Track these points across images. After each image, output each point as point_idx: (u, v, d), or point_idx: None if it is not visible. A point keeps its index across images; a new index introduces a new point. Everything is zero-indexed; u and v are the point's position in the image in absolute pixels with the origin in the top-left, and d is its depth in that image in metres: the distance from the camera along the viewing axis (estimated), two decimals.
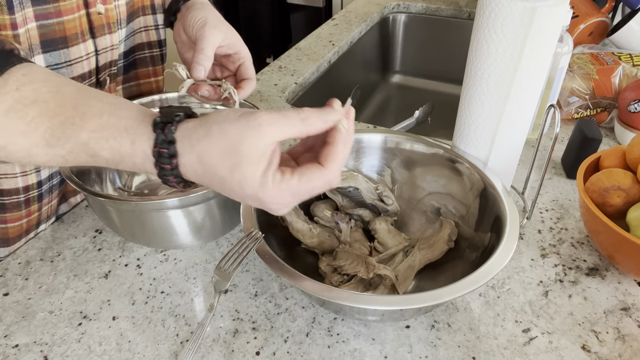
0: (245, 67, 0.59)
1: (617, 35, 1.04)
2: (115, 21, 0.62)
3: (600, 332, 0.53)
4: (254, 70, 0.60)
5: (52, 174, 0.63)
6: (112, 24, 0.61)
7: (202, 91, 0.56)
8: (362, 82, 1.34)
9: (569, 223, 0.67)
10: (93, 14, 0.58)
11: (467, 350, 0.51)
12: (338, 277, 0.56)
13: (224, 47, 0.58)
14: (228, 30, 0.58)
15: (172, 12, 0.64)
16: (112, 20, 0.61)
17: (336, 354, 0.51)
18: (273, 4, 2.24)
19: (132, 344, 0.52)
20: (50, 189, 0.64)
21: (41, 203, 0.63)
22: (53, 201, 0.65)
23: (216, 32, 0.56)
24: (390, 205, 0.62)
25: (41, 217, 0.65)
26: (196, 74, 0.55)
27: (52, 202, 0.65)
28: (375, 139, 0.64)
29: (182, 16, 0.61)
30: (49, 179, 0.63)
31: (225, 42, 0.57)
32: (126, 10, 0.64)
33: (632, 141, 0.61)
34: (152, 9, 0.69)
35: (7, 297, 0.57)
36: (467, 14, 1.38)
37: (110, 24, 0.61)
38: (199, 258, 0.62)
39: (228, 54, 0.59)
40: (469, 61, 0.58)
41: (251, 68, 0.60)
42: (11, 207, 0.60)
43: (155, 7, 0.69)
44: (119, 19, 0.62)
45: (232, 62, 0.59)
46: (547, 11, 0.51)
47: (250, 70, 0.60)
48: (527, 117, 0.59)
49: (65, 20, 0.55)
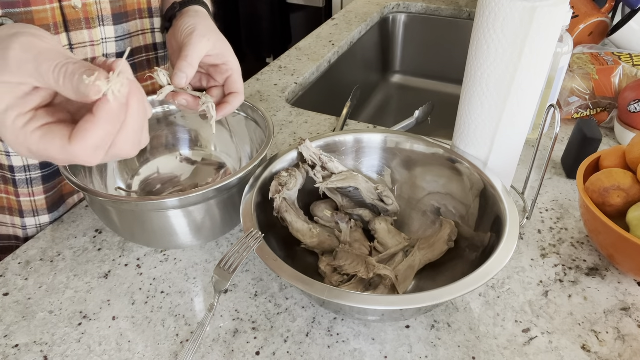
0: (233, 81, 0.57)
1: (617, 35, 1.04)
2: (96, 17, 0.60)
3: (600, 332, 0.53)
4: (242, 83, 0.58)
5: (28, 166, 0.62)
6: (91, 19, 0.60)
7: (180, 100, 0.54)
8: (362, 82, 1.34)
9: (569, 223, 0.67)
10: (67, 7, 0.57)
11: (467, 350, 0.51)
12: (338, 277, 0.56)
13: (212, 57, 0.56)
14: (217, 40, 0.56)
15: (167, 19, 0.63)
16: (91, 15, 0.60)
17: (336, 354, 0.51)
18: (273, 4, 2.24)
19: (132, 344, 0.52)
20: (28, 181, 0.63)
21: (17, 190, 0.63)
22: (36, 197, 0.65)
23: (204, 41, 0.55)
24: (390, 205, 0.62)
25: (22, 207, 0.64)
26: (177, 81, 0.53)
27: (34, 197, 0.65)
28: (375, 139, 0.64)
29: (175, 22, 0.60)
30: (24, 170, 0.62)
31: (214, 51, 0.56)
32: (111, 9, 0.62)
33: (632, 141, 0.61)
34: (147, 13, 0.68)
35: (7, 297, 0.57)
36: (467, 14, 1.38)
37: (89, 19, 0.60)
38: (199, 258, 0.62)
39: (216, 64, 0.57)
40: (469, 61, 0.58)
41: (239, 82, 0.58)
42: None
43: (153, 10, 0.69)
44: (100, 15, 0.61)
45: (220, 73, 0.58)
46: (547, 11, 0.51)
47: (239, 84, 0.58)
48: (527, 117, 0.59)
49: (34, 11, 0.54)
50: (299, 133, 0.86)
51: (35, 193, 0.64)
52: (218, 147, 0.73)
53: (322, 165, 0.60)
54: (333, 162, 0.61)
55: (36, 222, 0.67)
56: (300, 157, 0.61)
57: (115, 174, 0.67)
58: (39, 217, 0.67)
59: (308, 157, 0.60)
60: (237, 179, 0.55)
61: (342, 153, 0.64)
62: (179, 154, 0.73)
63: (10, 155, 0.61)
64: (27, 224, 0.67)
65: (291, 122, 0.89)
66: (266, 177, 0.58)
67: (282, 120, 0.90)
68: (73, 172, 0.56)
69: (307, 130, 0.87)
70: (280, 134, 0.86)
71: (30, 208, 0.65)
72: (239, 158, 0.72)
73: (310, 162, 0.61)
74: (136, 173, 0.70)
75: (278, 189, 0.57)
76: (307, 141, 0.61)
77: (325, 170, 0.61)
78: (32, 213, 0.66)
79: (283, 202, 0.58)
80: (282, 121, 0.90)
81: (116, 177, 0.67)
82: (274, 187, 0.58)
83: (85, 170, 0.61)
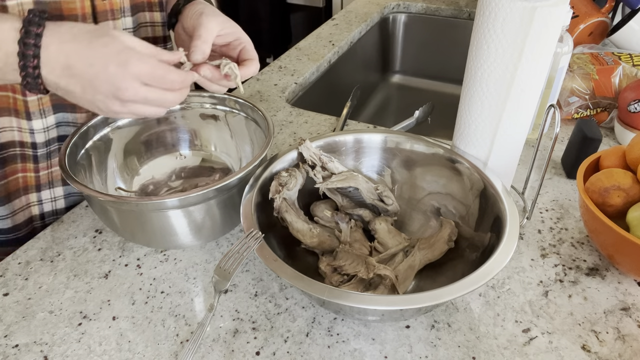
0: (246, 50, 0.59)
1: (617, 35, 1.04)
2: (119, 8, 0.63)
3: (600, 332, 0.53)
4: (255, 52, 0.59)
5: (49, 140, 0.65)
6: (116, 10, 0.63)
7: (204, 71, 0.55)
8: (362, 82, 1.34)
9: (569, 223, 0.67)
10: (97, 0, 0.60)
11: (467, 350, 0.51)
12: (338, 277, 0.56)
13: (223, 36, 0.58)
14: (225, 21, 0.58)
15: (173, 14, 0.64)
16: (115, 7, 0.62)
17: (336, 354, 0.51)
18: (273, 4, 2.24)
19: (132, 344, 0.52)
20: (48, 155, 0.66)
21: (37, 165, 0.65)
22: (53, 168, 0.67)
23: (213, 20, 0.56)
24: (390, 205, 0.62)
25: (40, 181, 0.67)
26: (194, 57, 0.54)
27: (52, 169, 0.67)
28: (375, 139, 0.64)
29: (182, 16, 0.62)
30: (45, 145, 0.65)
31: (224, 31, 0.57)
32: (129, 0, 0.65)
33: (632, 141, 0.61)
34: (158, 6, 0.70)
35: (7, 297, 0.57)
36: (467, 14, 1.38)
37: (114, 10, 0.62)
38: (199, 258, 0.62)
39: (227, 42, 0.59)
40: (469, 61, 0.58)
41: (253, 51, 0.59)
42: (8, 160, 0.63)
43: (159, 4, 0.70)
44: (122, 7, 0.64)
45: (233, 49, 0.59)
46: (547, 11, 0.51)
47: (252, 52, 0.59)
48: (527, 117, 0.59)
49: (62, 1, 0.57)
50: (299, 133, 0.86)
51: (53, 164, 0.67)
52: (218, 147, 0.73)
53: (322, 166, 0.60)
54: (333, 162, 0.61)
55: (51, 194, 0.69)
56: (300, 157, 0.61)
57: (115, 174, 0.67)
58: (53, 190, 0.69)
59: (308, 157, 0.60)
60: (237, 179, 0.55)
61: (342, 153, 0.64)
62: (179, 154, 0.73)
63: (34, 132, 0.63)
64: (43, 198, 0.68)
65: (291, 122, 0.89)
66: (266, 177, 0.58)
67: (282, 120, 0.90)
68: (73, 172, 0.56)
69: (307, 130, 0.87)
70: (280, 134, 0.86)
71: (47, 180, 0.68)
72: (239, 158, 0.72)
73: (310, 162, 0.61)
74: (136, 173, 0.70)
75: (278, 189, 0.57)
76: (307, 141, 0.61)
77: (325, 170, 0.61)
78: (48, 185, 0.68)
79: (283, 202, 0.58)
80: (282, 121, 0.90)
81: (116, 177, 0.67)
82: (274, 187, 0.58)
83: (85, 170, 0.61)
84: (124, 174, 0.68)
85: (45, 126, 0.63)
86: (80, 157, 0.61)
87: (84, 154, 0.62)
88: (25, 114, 0.61)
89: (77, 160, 0.60)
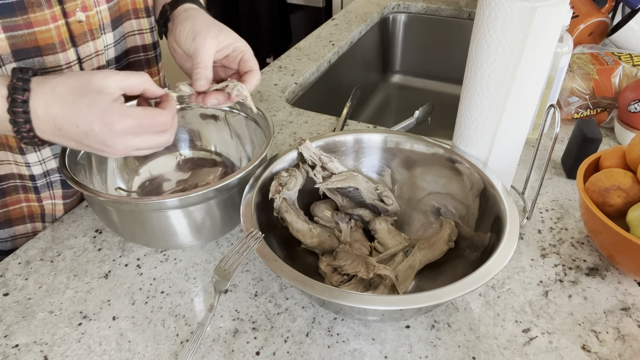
0: (245, 60, 0.58)
1: (617, 35, 1.04)
2: (98, 27, 0.61)
3: (600, 332, 0.53)
4: (255, 60, 0.59)
5: (47, 171, 0.64)
6: (95, 30, 0.61)
7: (211, 100, 0.56)
8: (362, 82, 1.34)
9: (569, 223, 0.67)
10: (73, 23, 0.58)
11: (467, 350, 0.51)
12: (338, 277, 0.56)
13: (221, 50, 0.57)
14: (219, 33, 0.57)
15: (162, 24, 0.64)
16: (94, 26, 0.60)
17: (336, 354, 0.51)
18: (273, 4, 2.24)
19: (132, 344, 0.52)
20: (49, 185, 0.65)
21: (39, 195, 0.65)
22: (56, 199, 0.66)
23: (208, 42, 0.56)
24: (390, 205, 0.62)
25: (44, 210, 0.66)
26: (199, 87, 0.55)
27: (54, 200, 0.66)
28: (375, 139, 0.64)
29: (172, 28, 0.61)
30: (43, 176, 0.64)
31: (220, 45, 0.57)
32: (109, 15, 0.62)
33: (632, 141, 0.61)
34: (144, 12, 0.68)
35: (7, 297, 0.57)
36: (467, 14, 1.38)
37: (93, 30, 0.60)
38: (199, 258, 0.62)
39: (226, 54, 0.58)
40: (469, 61, 0.58)
41: (252, 59, 0.59)
42: (10, 191, 0.64)
43: (145, 10, 0.68)
44: (101, 24, 0.62)
45: (233, 60, 0.59)
46: (547, 11, 0.51)
47: (251, 61, 0.58)
48: (527, 117, 0.59)
49: (37, 31, 0.55)
50: (299, 133, 0.86)
51: (55, 195, 0.67)
52: (218, 147, 0.73)
53: (322, 166, 0.60)
54: (333, 162, 0.61)
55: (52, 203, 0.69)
56: (300, 157, 0.61)
57: (115, 174, 0.67)
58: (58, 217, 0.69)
59: (308, 157, 0.60)
60: (237, 179, 0.55)
61: (342, 153, 0.64)
62: (179, 154, 0.73)
63: (30, 165, 0.63)
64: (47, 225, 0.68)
65: (291, 122, 0.89)
66: (266, 177, 0.58)
67: (282, 120, 0.90)
68: (73, 172, 0.56)
69: (307, 130, 0.87)
70: (280, 134, 0.86)
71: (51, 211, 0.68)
72: (239, 158, 0.72)
73: (310, 162, 0.61)
74: (136, 173, 0.70)
75: (278, 189, 0.57)
76: (307, 141, 0.61)
77: (325, 170, 0.61)
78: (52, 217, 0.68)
79: (283, 202, 0.58)
80: (282, 121, 0.90)
81: (116, 177, 0.67)
82: (274, 187, 0.58)
83: (85, 170, 0.61)
84: (124, 174, 0.68)
85: (41, 158, 0.63)
86: (80, 157, 0.61)
87: (84, 154, 0.62)
88: (18, 148, 0.61)
89: (77, 160, 0.60)
